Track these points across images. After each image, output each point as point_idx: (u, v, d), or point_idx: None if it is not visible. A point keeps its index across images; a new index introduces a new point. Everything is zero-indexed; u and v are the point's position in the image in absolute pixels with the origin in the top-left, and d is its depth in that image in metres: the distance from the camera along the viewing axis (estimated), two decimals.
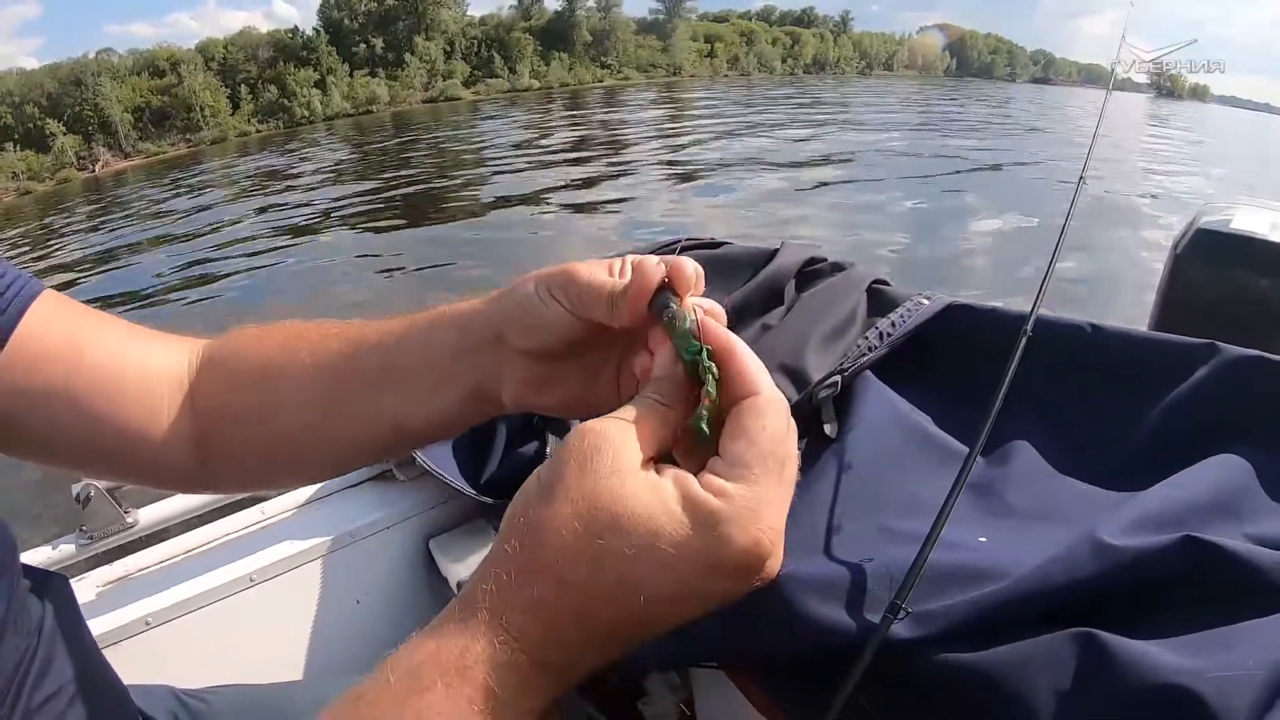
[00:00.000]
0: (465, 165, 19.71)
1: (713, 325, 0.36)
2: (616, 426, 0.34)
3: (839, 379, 0.82)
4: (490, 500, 1.05)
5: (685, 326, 0.36)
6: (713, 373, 0.35)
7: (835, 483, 0.72)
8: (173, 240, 13.81)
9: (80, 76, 45.65)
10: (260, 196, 17.81)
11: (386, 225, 12.20)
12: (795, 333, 0.86)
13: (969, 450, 0.66)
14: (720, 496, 0.32)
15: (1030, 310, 0.79)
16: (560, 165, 16.90)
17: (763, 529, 0.32)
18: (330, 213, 13.95)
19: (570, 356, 0.44)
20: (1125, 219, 9.64)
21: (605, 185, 13.84)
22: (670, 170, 15.58)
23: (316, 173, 20.99)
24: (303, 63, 53.95)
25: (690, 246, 1.06)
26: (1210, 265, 1.37)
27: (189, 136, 46.95)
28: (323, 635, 1.07)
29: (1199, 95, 75.38)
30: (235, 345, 0.55)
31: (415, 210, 13.39)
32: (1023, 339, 0.75)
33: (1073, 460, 0.74)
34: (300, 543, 1.05)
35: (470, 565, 1.08)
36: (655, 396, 0.36)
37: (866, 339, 0.86)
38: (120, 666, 0.58)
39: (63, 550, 0.99)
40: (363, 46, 57.94)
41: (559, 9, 70.24)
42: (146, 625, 0.93)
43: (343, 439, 0.51)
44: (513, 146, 22.34)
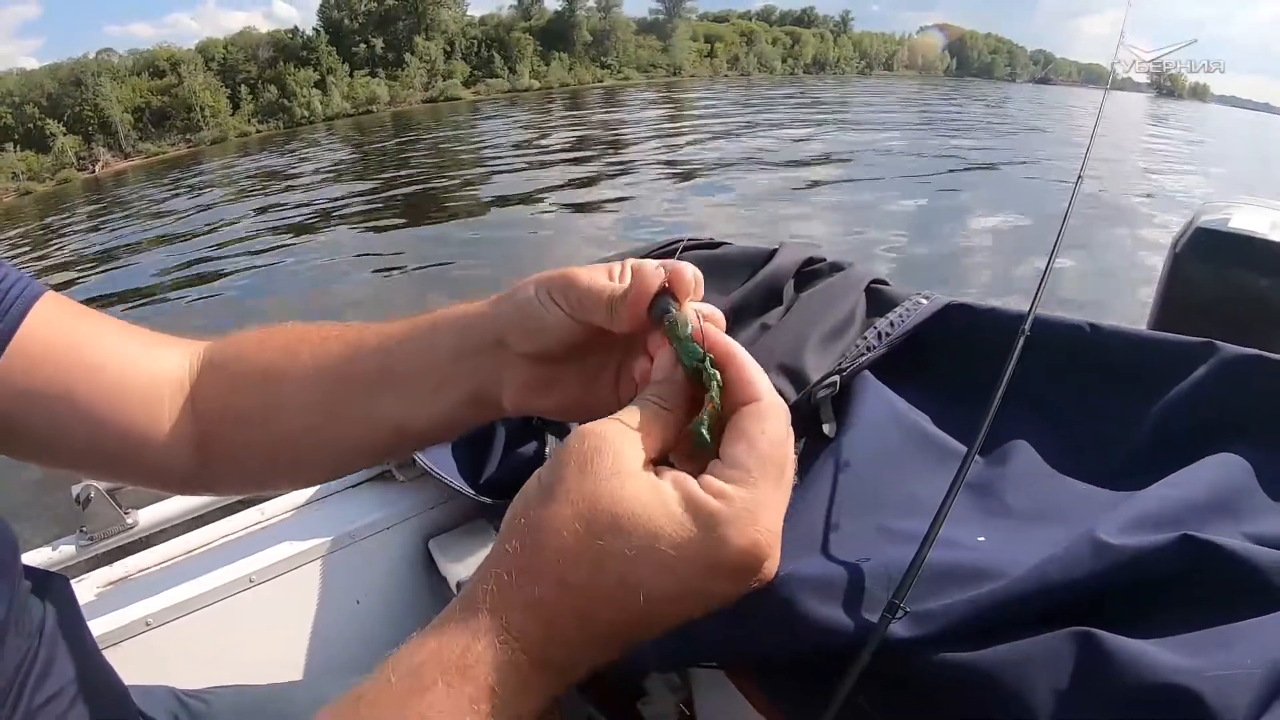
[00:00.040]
0: (465, 165, 19.70)
1: (713, 331, 0.37)
2: (616, 429, 0.34)
3: (837, 379, 0.82)
4: (490, 500, 1.05)
5: (687, 333, 0.36)
6: (717, 380, 0.35)
7: (834, 482, 0.72)
8: (173, 240, 13.79)
9: (80, 77, 45.60)
10: (260, 196, 17.81)
11: (386, 225, 12.20)
12: (794, 333, 0.86)
13: (967, 450, 0.66)
14: (720, 498, 0.32)
15: (1028, 310, 0.80)
16: (560, 165, 16.89)
17: (761, 531, 0.32)
18: (330, 212, 13.94)
19: (570, 360, 0.45)
20: (1125, 218, 9.64)
21: (605, 185, 13.83)
22: (670, 170, 15.57)
23: (316, 173, 20.98)
24: (303, 63, 53.91)
25: (690, 247, 1.06)
26: (1209, 264, 1.37)
27: (189, 137, 46.91)
28: (322, 636, 1.07)
29: (1199, 95, 75.33)
30: (236, 348, 0.55)
31: (415, 210, 13.38)
32: (1021, 338, 0.75)
33: (1071, 459, 0.74)
34: (300, 543, 1.05)
35: (470, 565, 1.08)
36: (656, 400, 0.36)
37: (865, 339, 0.86)
38: (120, 667, 0.58)
39: (63, 551, 0.99)
40: (363, 46, 57.91)
41: (559, 9, 70.28)
42: (147, 626, 0.93)
43: (344, 441, 0.51)
44: (512, 146, 22.33)
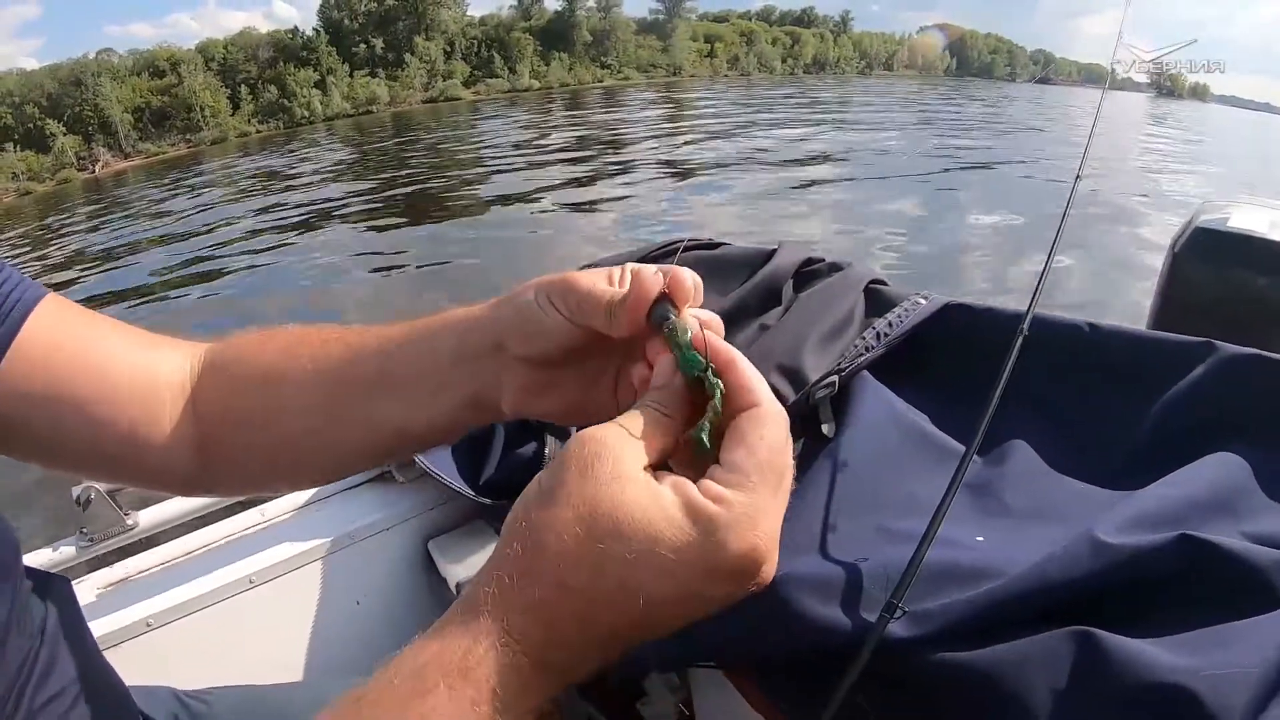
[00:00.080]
0: (465, 165, 19.69)
1: (713, 338, 0.37)
2: (617, 434, 0.34)
3: (836, 379, 0.82)
4: (489, 501, 1.05)
5: (687, 340, 0.36)
6: (720, 388, 0.35)
7: (832, 482, 0.72)
8: (173, 239, 13.79)
9: (80, 77, 45.59)
10: (260, 196, 17.80)
11: (386, 224, 12.19)
12: (793, 333, 0.86)
13: (965, 449, 0.66)
14: (719, 503, 0.32)
15: (1027, 310, 0.80)
16: (560, 164, 16.88)
17: (759, 536, 0.32)
18: (330, 212, 13.94)
19: (569, 364, 0.45)
20: (1124, 218, 9.63)
21: (605, 184, 13.82)
22: (669, 169, 15.57)
23: (316, 173, 20.97)
24: (303, 63, 53.91)
25: (690, 247, 1.06)
26: (1209, 264, 1.37)
27: (189, 137, 46.90)
28: (322, 636, 1.08)
29: (1199, 95, 75.30)
30: (237, 350, 0.55)
31: (415, 209, 13.37)
32: (1019, 338, 0.75)
33: (1070, 459, 0.75)
34: (300, 544, 1.05)
35: (469, 566, 1.08)
36: (656, 405, 0.36)
37: (864, 339, 0.86)
38: (121, 668, 0.58)
39: (63, 552, 0.99)
40: (363, 47, 57.90)
41: (559, 9, 70.26)
42: (147, 627, 0.93)
43: (344, 444, 0.51)
44: (512, 146, 22.32)
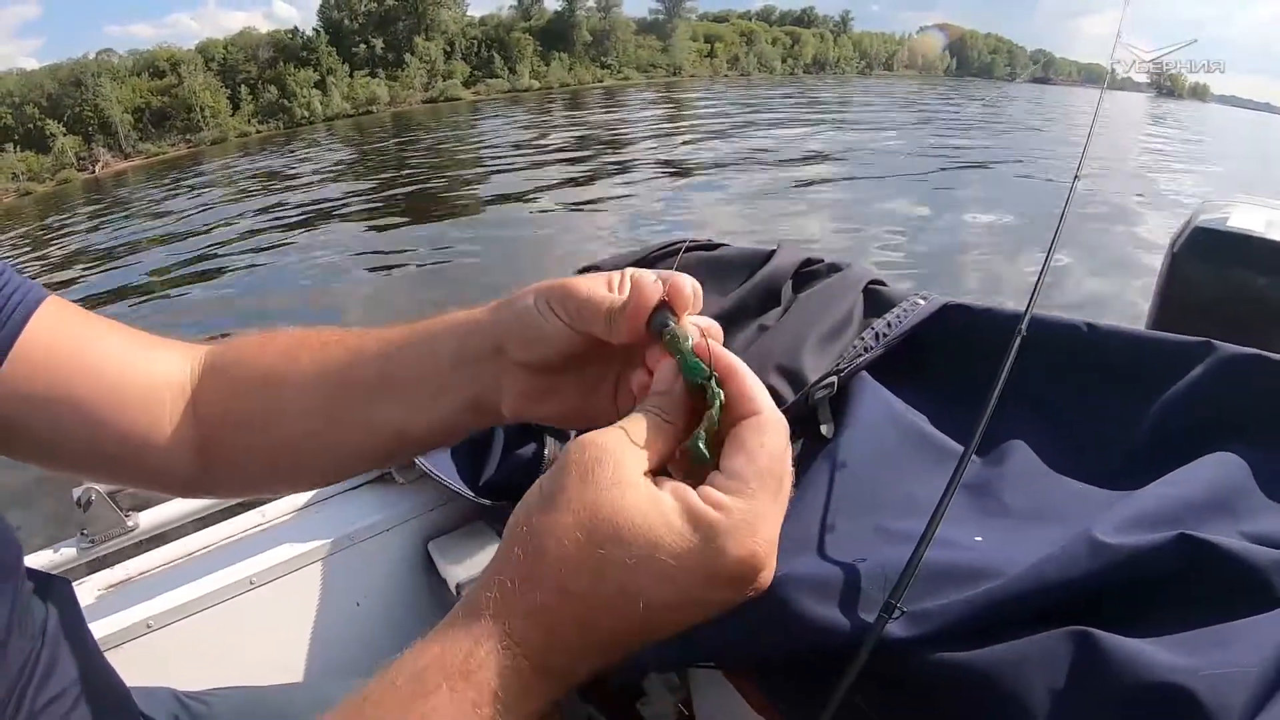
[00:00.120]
0: (465, 165, 19.68)
1: (715, 346, 0.37)
2: (617, 439, 0.34)
3: (835, 380, 0.82)
4: (489, 502, 1.05)
5: (689, 349, 0.36)
6: (720, 397, 0.35)
7: (831, 483, 0.72)
8: (173, 239, 13.78)
9: (80, 77, 45.56)
10: (260, 196, 17.79)
11: (386, 224, 12.18)
12: (792, 334, 0.86)
13: (964, 450, 0.66)
14: (719, 510, 0.32)
15: (1025, 310, 0.80)
16: (560, 164, 16.87)
17: (758, 542, 0.32)
18: (330, 211, 13.94)
19: (569, 369, 0.45)
20: (1123, 217, 9.62)
21: (605, 184, 13.81)
22: (669, 169, 15.56)
23: (316, 173, 20.96)
24: (303, 63, 53.88)
25: (689, 248, 1.06)
26: (1208, 263, 1.37)
27: (189, 137, 46.88)
28: (323, 637, 1.08)
29: (1199, 95, 75.22)
30: (237, 352, 0.55)
31: (415, 209, 13.37)
32: (1017, 338, 0.75)
33: (1069, 459, 0.75)
34: (300, 545, 1.06)
35: (469, 567, 1.09)
36: (657, 411, 0.36)
37: (863, 339, 0.86)
38: (121, 669, 0.59)
39: (64, 553, 0.99)
40: (363, 47, 57.89)
41: (559, 9, 70.23)
42: (148, 628, 0.94)
43: (344, 446, 0.51)
44: (512, 146, 22.31)
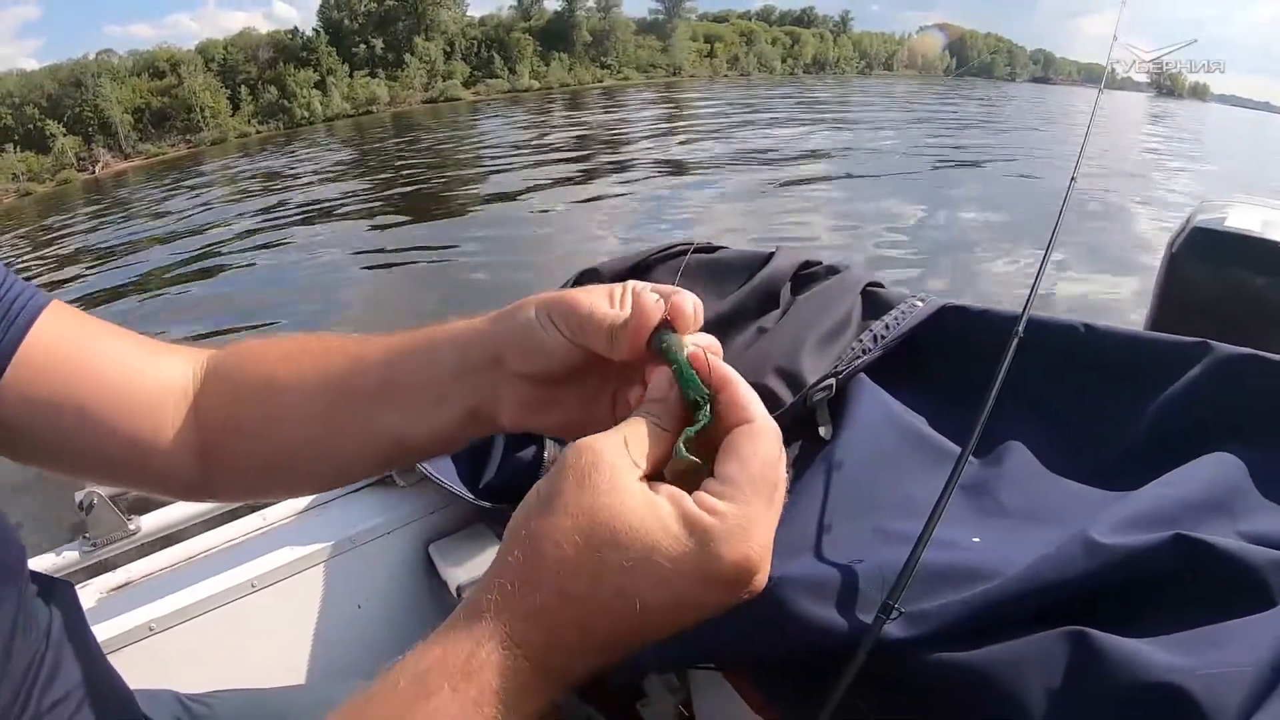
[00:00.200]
0: (465, 164, 19.66)
1: (711, 359, 0.37)
2: (614, 444, 0.35)
3: (834, 381, 0.83)
4: (489, 505, 1.06)
5: (691, 372, 0.37)
6: (709, 419, 0.36)
7: (829, 484, 0.73)
8: (173, 239, 13.75)
9: (80, 78, 45.47)
10: (260, 196, 17.77)
11: (386, 223, 12.16)
12: (790, 336, 0.87)
13: (961, 451, 0.66)
14: (714, 515, 0.33)
15: (1022, 311, 0.80)
16: (559, 164, 16.86)
17: (752, 546, 0.33)
18: (330, 211, 13.92)
19: (568, 381, 0.45)
20: (1122, 218, 9.61)
21: (604, 183, 13.79)
22: (669, 169, 15.55)
23: (316, 173, 20.93)
24: (302, 63, 53.78)
25: (688, 251, 1.06)
26: (1206, 264, 1.37)
27: (189, 137, 46.80)
28: (324, 640, 1.08)
29: (1199, 94, 75.12)
30: (240, 358, 0.55)
31: (414, 208, 13.35)
32: (1014, 340, 0.76)
33: (1067, 460, 0.75)
34: (301, 548, 1.06)
35: (470, 569, 1.09)
36: (653, 418, 0.36)
37: (861, 341, 0.86)
38: (124, 671, 0.59)
39: (66, 557, 1.00)
40: (362, 47, 57.81)
41: (559, 9, 70.13)
42: (150, 631, 0.94)
43: (344, 453, 0.52)
44: (512, 146, 22.28)
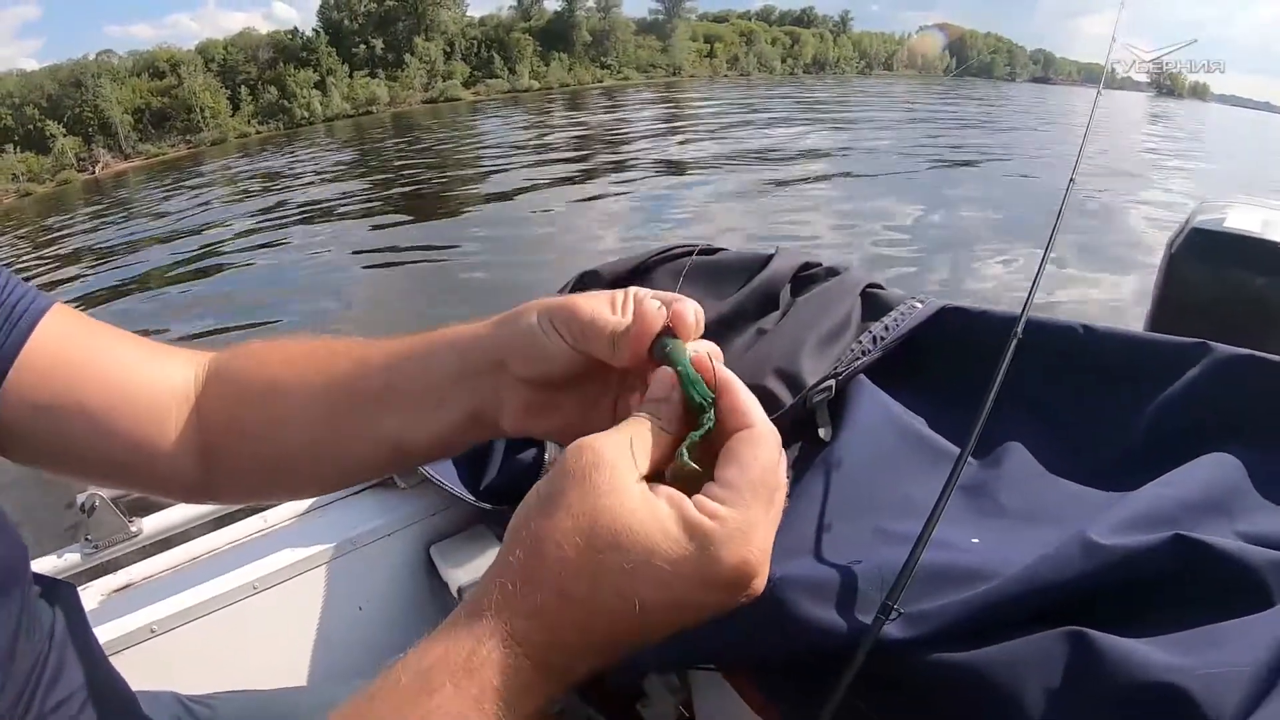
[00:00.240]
0: (464, 164, 19.65)
1: (711, 364, 0.38)
2: (615, 444, 0.35)
3: (833, 383, 0.83)
4: (490, 506, 1.06)
5: (696, 378, 0.37)
6: (711, 424, 0.36)
7: (828, 485, 0.73)
8: (173, 239, 13.75)
9: (80, 78, 45.42)
10: (260, 196, 17.76)
11: (386, 222, 12.15)
12: (790, 337, 0.87)
13: (960, 452, 0.66)
14: (714, 519, 0.33)
15: (1021, 312, 0.80)
16: (559, 164, 16.86)
17: (752, 550, 0.33)
18: (330, 211, 13.93)
19: (570, 386, 0.45)
20: (1122, 218, 9.59)
21: (604, 183, 13.79)
22: (669, 169, 15.55)
23: (316, 173, 20.93)
24: (302, 64, 53.75)
25: (687, 253, 1.07)
26: (1205, 264, 1.37)
27: (189, 138, 46.77)
28: (325, 641, 1.08)
29: (1199, 94, 75.04)
30: (242, 360, 0.55)
31: (414, 208, 13.36)
32: (1013, 341, 0.76)
33: (1066, 460, 0.75)
34: (302, 550, 1.06)
35: (471, 570, 1.09)
36: (654, 419, 0.37)
37: (860, 343, 0.87)
38: (125, 673, 0.59)
39: (68, 559, 1.00)
40: (362, 47, 57.80)
41: (559, 9, 70.13)
42: (151, 633, 0.94)
43: (346, 456, 0.52)
44: (512, 146, 22.29)
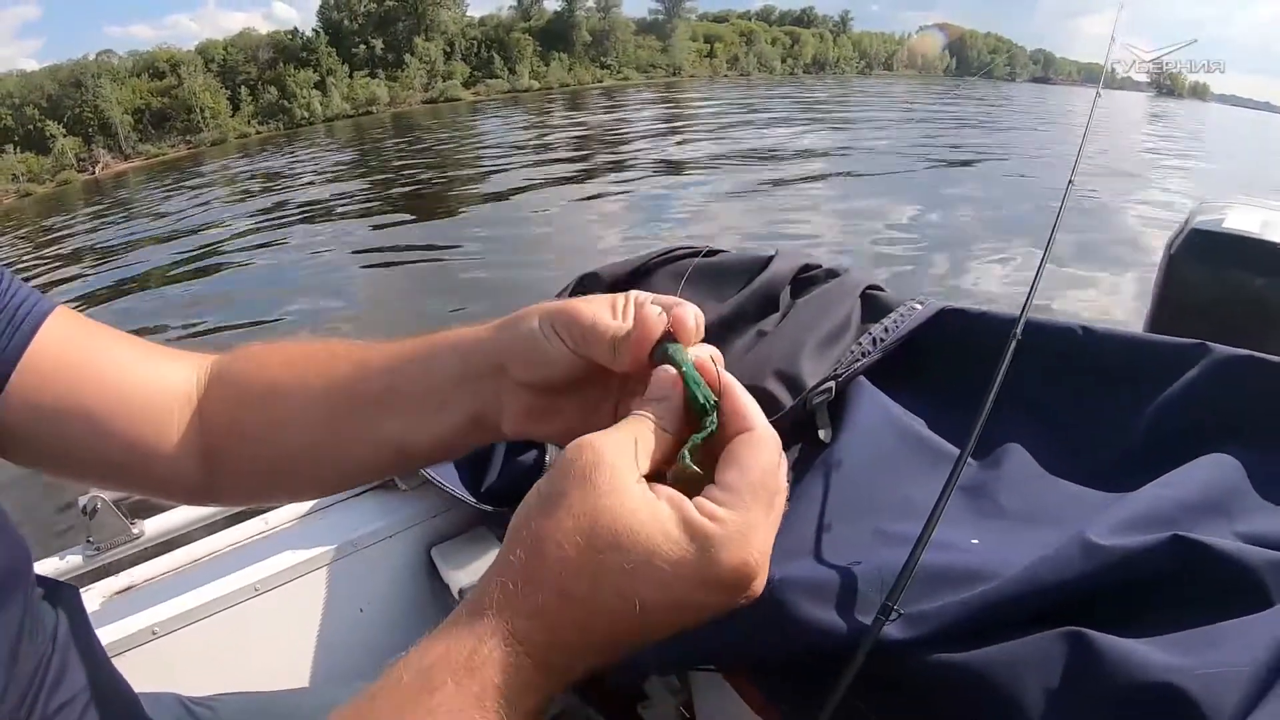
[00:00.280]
0: (464, 164, 19.64)
1: (712, 368, 0.38)
2: (614, 444, 0.35)
3: (833, 384, 0.83)
4: (491, 508, 1.06)
5: (700, 382, 0.37)
6: (714, 427, 0.36)
7: (828, 487, 0.73)
8: (173, 239, 13.75)
9: (80, 78, 45.44)
10: (260, 197, 17.76)
11: (385, 222, 12.14)
12: (790, 339, 0.87)
13: (960, 453, 0.67)
14: (714, 520, 0.33)
15: (1020, 313, 0.80)
16: (559, 164, 16.86)
17: (752, 552, 0.33)
18: (331, 211, 13.94)
19: (571, 390, 0.45)
20: (1121, 219, 9.58)
21: (604, 183, 13.78)
22: (668, 168, 15.55)
23: (317, 173, 20.93)
24: (302, 64, 53.77)
25: (688, 255, 1.07)
26: (1205, 265, 1.37)
27: (189, 138, 46.79)
28: (327, 643, 1.08)
29: (1199, 94, 75.07)
30: (243, 363, 0.56)
31: (414, 207, 13.36)
32: (1012, 342, 0.76)
33: (1065, 461, 0.75)
34: (304, 552, 1.06)
35: (472, 572, 1.09)
36: (653, 419, 0.37)
37: (860, 344, 0.87)
38: (127, 675, 0.59)
39: (70, 561, 1.00)
40: (362, 47, 57.80)
41: (558, 9, 70.14)
42: (153, 635, 0.94)
43: (347, 459, 0.52)
44: (512, 146, 22.29)
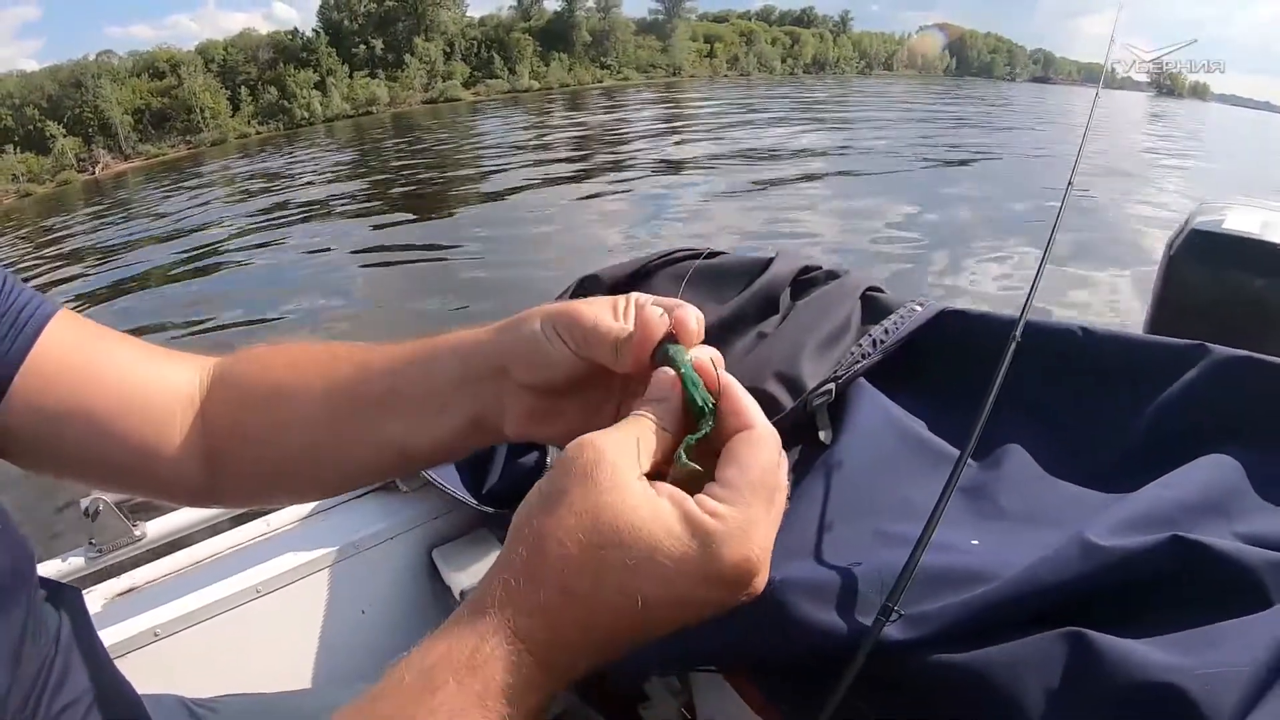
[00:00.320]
0: (465, 164, 19.64)
1: (711, 370, 0.38)
2: (615, 442, 0.35)
3: (833, 386, 0.83)
4: (492, 510, 1.06)
5: (699, 384, 0.38)
6: (710, 426, 0.37)
7: (828, 488, 0.73)
8: (173, 239, 13.77)
9: (80, 78, 45.42)
10: (260, 197, 17.75)
11: (386, 223, 12.15)
12: (790, 340, 0.87)
13: (960, 454, 0.67)
14: (715, 517, 0.33)
15: (1020, 315, 0.80)
16: (559, 164, 16.87)
17: (753, 549, 0.34)
18: (331, 211, 13.96)
19: (572, 392, 0.45)
20: (1121, 219, 9.58)
21: (604, 183, 13.78)
22: (668, 168, 15.55)
23: (317, 173, 20.95)
24: (302, 64, 53.75)
25: (688, 257, 1.07)
26: (1205, 266, 1.37)
27: (189, 138, 46.77)
28: (329, 645, 1.09)
29: (1199, 94, 75.07)
30: (245, 365, 0.56)
31: (414, 207, 13.37)
32: (1012, 344, 0.76)
33: (1065, 462, 0.76)
34: (305, 554, 1.06)
35: (473, 574, 1.10)
36: (653, 419, 0.37)
37: (860, 346, 0.87)
38: (130, 677, 0.59)
39: (72, 563, 1.00)
40: (362, 48, 57.79)
41: (558, 9, 70.14)
42: (155, 636, 0.94)
43: (349, 461, 0.52)
44: (512, 146, 22.28)
